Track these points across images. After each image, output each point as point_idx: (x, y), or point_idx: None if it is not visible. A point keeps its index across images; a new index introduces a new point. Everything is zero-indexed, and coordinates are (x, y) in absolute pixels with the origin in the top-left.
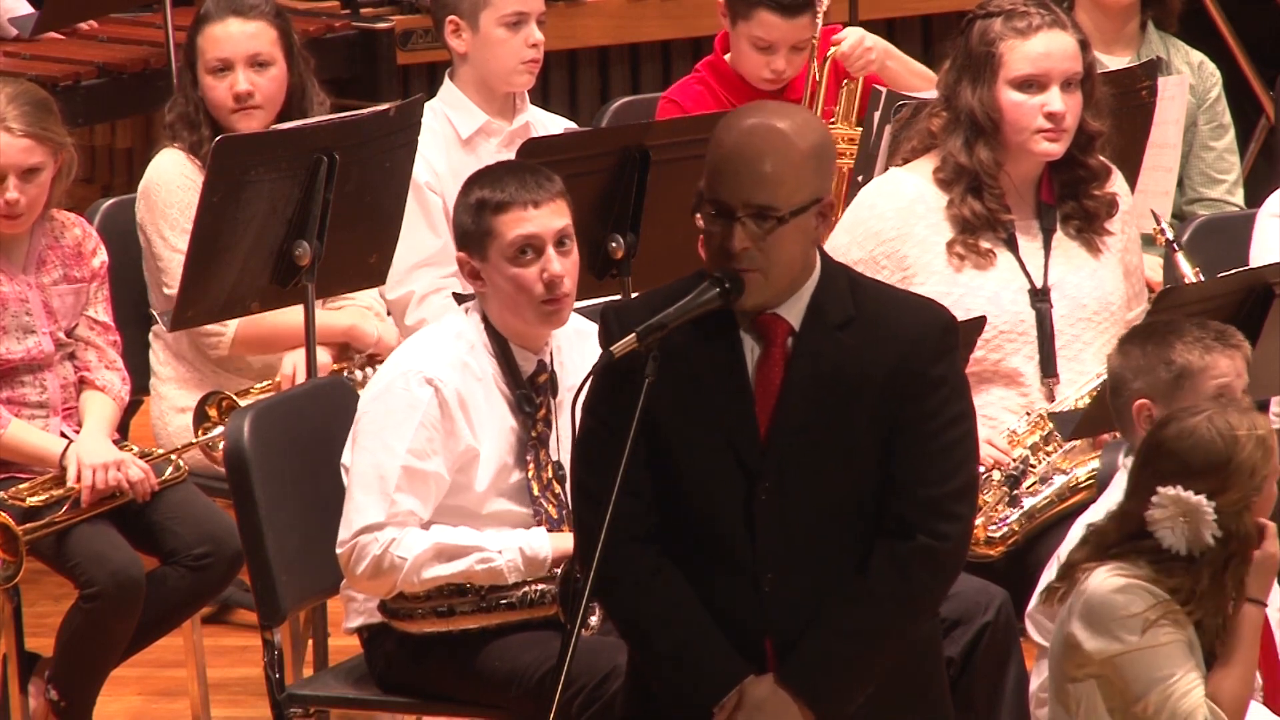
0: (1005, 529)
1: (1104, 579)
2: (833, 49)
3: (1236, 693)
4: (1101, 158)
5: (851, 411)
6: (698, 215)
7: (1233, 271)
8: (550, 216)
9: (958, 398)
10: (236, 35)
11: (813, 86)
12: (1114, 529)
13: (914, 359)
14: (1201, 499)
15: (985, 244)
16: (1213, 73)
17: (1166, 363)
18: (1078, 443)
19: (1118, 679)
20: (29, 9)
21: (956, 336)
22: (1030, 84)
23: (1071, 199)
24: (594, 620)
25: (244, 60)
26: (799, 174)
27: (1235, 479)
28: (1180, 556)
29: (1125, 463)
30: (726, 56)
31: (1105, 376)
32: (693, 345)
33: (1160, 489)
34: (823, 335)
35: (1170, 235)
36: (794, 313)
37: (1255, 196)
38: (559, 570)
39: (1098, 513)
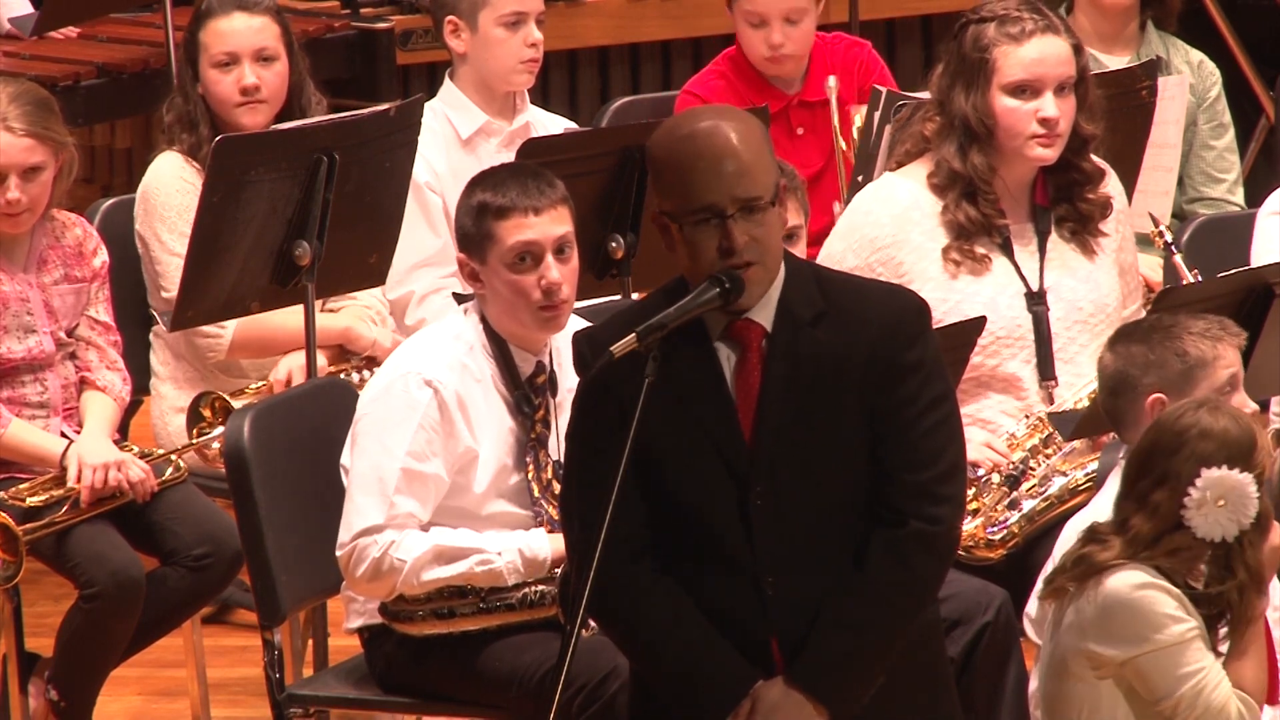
0: (1005, 531)
1: (1121, 580)
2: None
3: (1258, 681)
4: (1096, 159)
5: (833, 406)
6: (673, 230)
7: (1233, 271)
8: (551, 224)
9: (935, 380)
10: (243, 29)
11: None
12: (1146, 525)
13: (888, 346)
14: (1246, 476)
15: (980, 249)
16: (1212, 72)
17: (1179, 355)
18: (1077, 444)
19: (1138, 679)
20: (29, 9)
21: (928, 319)
22: (1024, 90)
23: (1066, 202)
24: (594, 622)
25: (250, 54)
26: (764, 159)
27: (1260, 457)
28: (1214, 544)
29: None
30: None
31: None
32: (669, 362)
33: (1205, 471)
34: (795, 333)
35: (1169, 238)
36: (765, 315)
37: (1255, 196)
38: (559, 571)
39: (1091, 513)
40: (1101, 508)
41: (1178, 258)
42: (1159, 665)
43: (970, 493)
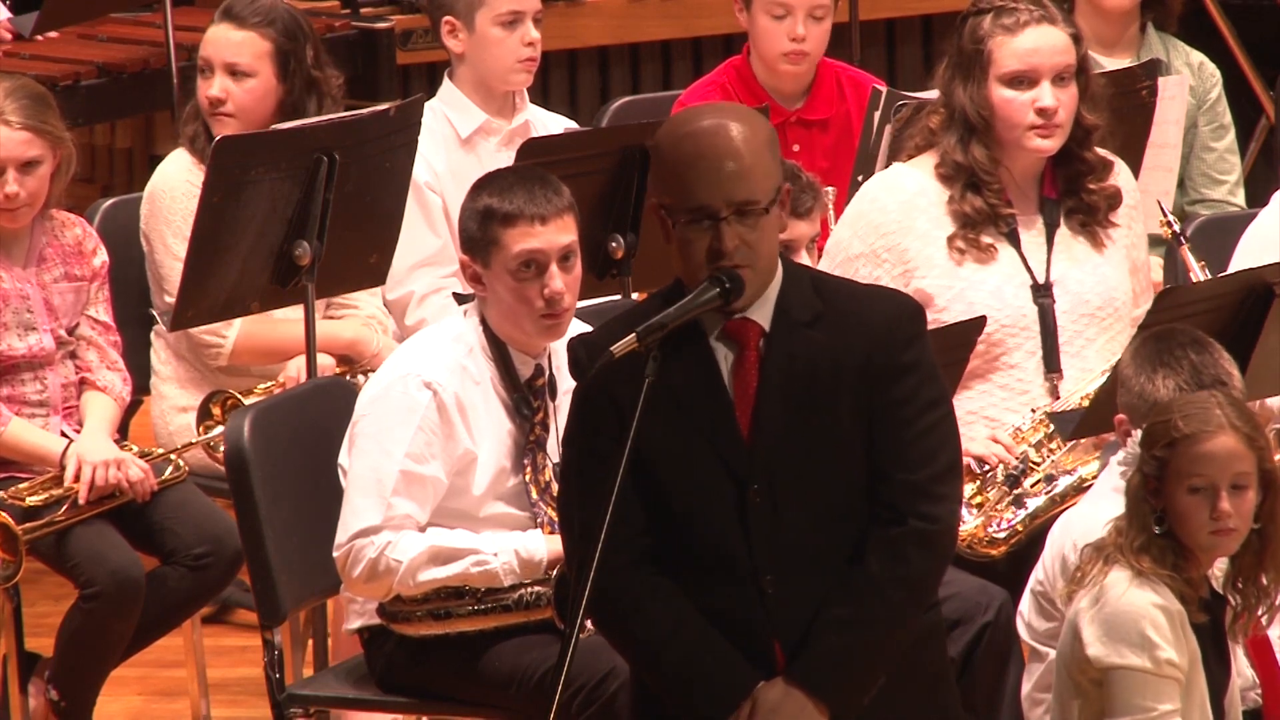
0: (1009, 529)
1: (1130, 590)
2: None
3: None
4: (1102, 151)
5: (830, 407)
6: (668, 224)
7: (1232, 271)
8: (556, 233)
9: (931, 382)
10: (221, 41)
11: None
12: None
13: (884, 348)
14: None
15: (986, 238)
16: (1213, 73)
17: (1143, 394)
18: (1081, 441)
19: (1107, 689)
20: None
21: (924, 322)
22: (1020, 80)
23: (1073, 195)
24: (590, 623)
25: (222, 66)
26: (765, 163)
27: (1178, 422)
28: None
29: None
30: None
31: (1107, 375)
32: (666, 362)
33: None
34: (793, 334)
35: (1177, 228)
36: (763, 314)
37: (1255, 196)
38: (554, 573)
39: (1080, 512)
40: (1090, 507)
41: (1186, 248)
42: (1122, 684)
43: (974, 487)
